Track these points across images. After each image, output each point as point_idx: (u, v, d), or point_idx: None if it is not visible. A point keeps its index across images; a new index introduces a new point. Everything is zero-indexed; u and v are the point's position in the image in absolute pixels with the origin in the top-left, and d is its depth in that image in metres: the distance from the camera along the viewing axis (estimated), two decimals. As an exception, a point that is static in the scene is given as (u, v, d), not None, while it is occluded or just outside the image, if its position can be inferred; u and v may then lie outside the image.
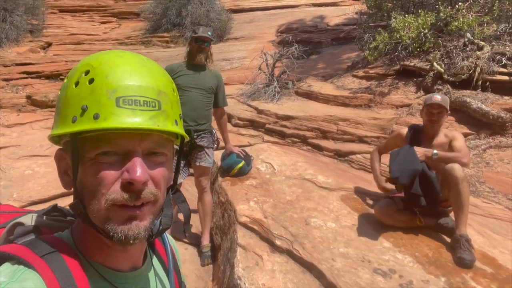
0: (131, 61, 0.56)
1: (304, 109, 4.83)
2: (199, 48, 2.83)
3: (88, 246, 0.59)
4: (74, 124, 0.53)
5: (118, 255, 0.60)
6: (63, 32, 10.93)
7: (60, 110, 0.56)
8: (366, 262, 2.09)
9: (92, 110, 0.52)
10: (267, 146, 3.92)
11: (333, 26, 9.80)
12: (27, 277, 0.49)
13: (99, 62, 0.55)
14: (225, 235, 2.74)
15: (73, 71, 0.57)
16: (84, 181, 0.54)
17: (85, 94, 0.53)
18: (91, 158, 0.53)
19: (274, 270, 2.10)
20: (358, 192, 2.97)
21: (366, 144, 4.11)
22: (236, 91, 6.07)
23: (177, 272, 0.77)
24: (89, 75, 0.53)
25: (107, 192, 0.53)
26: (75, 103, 0.53)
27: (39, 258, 0.52)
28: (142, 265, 0.66)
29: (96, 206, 0.53)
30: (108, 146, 0.53)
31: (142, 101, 0.54)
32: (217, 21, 10.06)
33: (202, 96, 2.90)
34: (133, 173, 0.52)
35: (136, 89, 0.54)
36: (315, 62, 7.75)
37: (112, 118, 0.52)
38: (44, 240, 0.55)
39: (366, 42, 5.67)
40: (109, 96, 0.52)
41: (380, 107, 4.63)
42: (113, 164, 0.54)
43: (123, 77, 0.54)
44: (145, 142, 0.55)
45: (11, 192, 3.65)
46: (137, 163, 0.53)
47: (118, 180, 0.53)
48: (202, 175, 2.90)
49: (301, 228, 2.41)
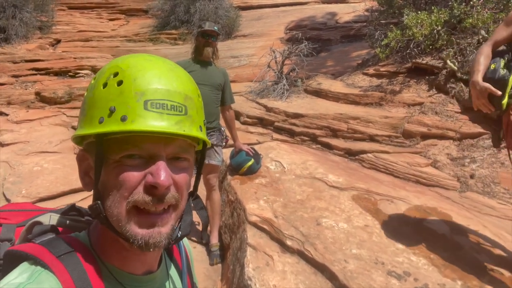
0: (159, 66, 0.57)
1: (313, 107, 4.77)
2: (206, 42, 2.81)
3: (105, 248, 0.58)
4: (101, 125, 0.53)
5: (136, 259, 0.60)
6: (72, 29, 10.98)
7: (86, 111, 0.55)
8: (380, 264, 2.03)
9: (120, 112, 0.52)
10: (276, 145, 3.87)
11: (343, 23, 9.70)
12: (43, 278, 0.50)
13: (128, 64, 0.55)
14: (234, 234, 2.70)
15: (101, 73, 0.56)
16: (106, 183, 0.55)
17: (113, 95, 0.53)
18: (115, 160, 0.54)
19: (285, 271, 2.06)
20: (369, 192, 2.91)
21: (377, 143, 4.04)
22: (245, 88, 6.02)
23: (190, 274, 0.76)
24: (118, 77, 0.54)
25: (129, 194, 0.53)
26: (102, 104, 0.53)
27: (56, 259, 0.52)
28: (157, 268, 0.66)
29: (116, 209, 0.54)
30: (134, 149, 0.53)
31: (170, 105, 0.54)
32: (226, 18, 10.01)
33: (211, 92, 2.87)
34: (158, 177, 0.53)
35: (164, 93, 0.54)
36: (325, 60, 7.67)
37: (139, 120, 0.52)
38: (61, 240, 0.55)
39: (377, 40, 5.57)
40: (137, 98, 0.53)
41: (391, 105, 4.54)
42: (137, 167, 0.54)
43: (151, 80, 0.54)
44: (169, 147, 0.55)
45: (20, 188, 3.65)
46: (161, 167, 0.54)
47: (141, 183, 0.53)
48: (210, 173, 2.87)
49: (312, 228, 2.36)
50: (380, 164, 3.61)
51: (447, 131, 3.81)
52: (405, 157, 3.68)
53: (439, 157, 3.63)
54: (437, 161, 3.58)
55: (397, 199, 2.81)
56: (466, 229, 2.39)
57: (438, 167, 3.51)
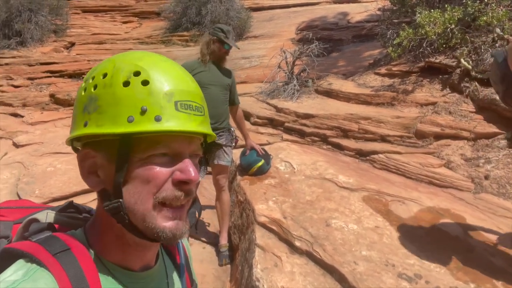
0: (174, 67, 0.59)
1: (324, 108, 4.73)
2: (226, 52, 2.87)
3: (105, 245, 0.59)
4: (131, 124, 0.53)
5: (137, 254, 0.61)
6: (86, 32, 11.13)
7: (104, 108, 0.54)
8: (390, 266, 2.00)
9: (153, 111, 0.53)
10: (286, 145, 3.86)
11: (355, 23, 9.60)
12: (39, 276, 0.49)
13: (147, 64, 0.56)
14: (243, 235, 2.69)
15: (115, 70, 0.55)
16: (130, 181, 0.55)
17: (142, 95, 0.53)
18: (141, 159, 0.54)
19: (294, 272, 2.04)
20: (380, 193, 2.87)
21: (388, 143, 3.98)
22: (255, 89, 6.01)
23: (188, 271, 0.76)
24: (141, 77, 0.54)
25: (157, 191, 0.55)
26: (129, 103, 0.53)
27: (52, 257, 0.52)
28: (155, 264, 0.66)
29: (142, 205, 0.55)
30: (163, 148, 0.55)
31: (194, 106, 0.58)
32: (237, 19, 10.00)
33: (220, 93, 2.88)
34: (189, 174, 0.56)
35: (187, 94, 0.57)
36: (336, 60, 7.61)
37: (173, 121, 0.54)
38: (57, 238, 0.55)
39: (389, 39, 5.49)
40: (168, 99, 0.54)
41: (403, 105, 4.47)
42: (164, 164, 0.55)
43: (176, 82, 0.56)
44: (191, 145, 0.59)
45: (33, 189, 3.71)
46: (189, 164, 0.57)
47: (168, 180, 0.56)
48: (220, 174, 2.87)
49: (322, 229, 2.34)
50: (392, 165, 3.55)
51: (461, 131, 3.73)
52: (417, 157, 3.61)
53: (453, 157, 3.55)
54: (451, 162, 3.50)
55: (409, 200, 2.77)
56: (480, 231, 2.33)
57: (452, 167, 3.44)
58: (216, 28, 2.84)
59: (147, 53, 0.60)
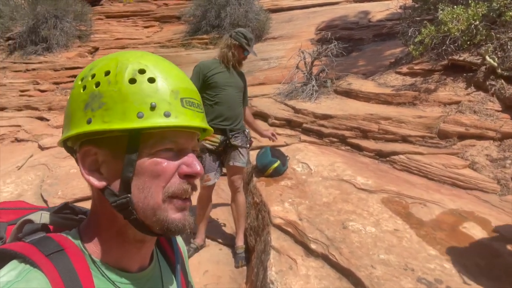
0: (173, 66, 0.61)
1: (343, 108, 4.66)
2: (245, 58, 2.90)
3: (102, 244, 0.59)
4: (142, 119, 0.53)
5: (134, 253, 0.61)
6: (109, 37, 11.39)
7: (110, 105, 0.54)
8: (409, 270, 1.93)
9: (162, 108, 0.55)
10: (304, 146, 3.81)
11: (376, 22, 9.43)
12: (32, 277, 0.49)
13: (150, 63, 0.57)
14: (259, 236, 2.67)
15: (119, 68, 0.56)
16: (138, 176, 0.55)
17: (149, 92, 0.55)
18: (150, 154, 0.55)
19: (309, 275, 2.00)
20: (400, 194, 2.79)
21: (410, 144, 3.87)
22: (273, 90, 5.99)
23: (184, 272, 0.75)
24: (147, 75, 0.55)
25: (166, 185, 0.56)
26: (137, 100, 0.54)
27: (45, 258, 0.51)
28: (149, 264, 0.66)
29: (152, 199, 0.56)
30: (170, 143, 0.57)
31: (196, 104, 0.60)
32: (256, 21, 10.00)
33: (236, 94, 2.88)
34: (195, 167, 0.58)
35: (190, 92, 0.59)
36: (356, 60, 7.49)
37: (181, 117, 0.56)
38: (51, 239, 0.55)
39: (410, 37, 5.35)
40: (174, 96, 0.56)
41: (425, 104, 4.34)
42: (170, 159, 0.57)
43: (179, 80, 0.58)
44: (193, 141, 0.61)
45: (56, 190, 3.81)
46: (194, 158, 0.59)
47: (175, 174, 0.57)
48: (235, 175, 2.86)
49: (338, 231, 2.29)
50: (413, 166, 3.45)
51: (487, 131, 3.59)
52: (440, 158, 3.50)
53: (478, 158, 3.42)
54: (476, 163, 3.37)
55: (431, 203, 2.68)
56: (506, 235, 2.23)
57: (477, 169, 3.31)
58: (239, 33, 2.83)
59: (146, 52, 0.61)
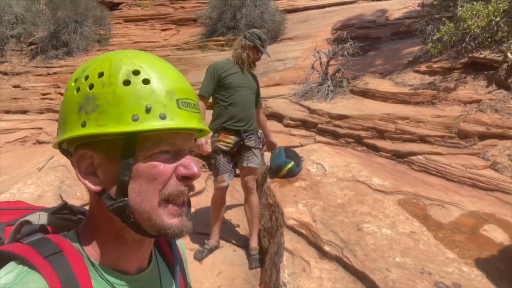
0: (169, 66, 0.60)
1: (359, 108, 4.59)
2: (258, 59, 2.89)
3: (100, 246, 0.58)
4: (137, 122, 0.52)
5: (132, 254, 0.61)
6: (127, 41, 11.58)
7: (105, 108, 0.53)
8: (426, 274, 1.88)
9: (157, 110, 0.54)
10: (319, 147, 3.77)
11: (394, 20, 9.27)
12: (30, 279, 0.49)
13: (144, 63, 0.56)
14: (272, 238, 2.65)
15: (113, 70, 0.54)
16: (135, 180, 0.55)
17: (144, 94, 0.54)
18: (146, 157, 0.55)
19: (322, 277, 1.97)
20: (418, 196, 2.72)
21: (428, 144, 3.78)
22: (288, 91, 5.95)
23: (183, 273, 0.75)
24: (141, 76, 0.54)
25: (162, 187, 0.55)
26: (132, 102, 0.53)
27: (43, 259, 0.51)
28: (148, 266, 0.65)
29: (149, 203, 0.55)
30: (167, 146, 0.56)
31: (192, 104, 0.59)
32: (271, 22, 9.98)
33: (250, 95, 2.87)
34: (192, 169, 0.57)
35: (186, 92, 0.58)
36: (373, 59, 7.37)
37: (177, 119, 0.55)
38: (49, 240, 0.55)
39: (429, 35, 5.23)
40: (170, 97, 0.55)
41: (445, 103, 4.23)
42: (167, 161, 0.56)
43: (174, 80, 0.57)
44: (190, 142, 0.60)
45: (75, 191, 3.89)
46: (191, 160, 0.58)
47: (172, 176, 0.56)
48: (249, 176, 2.85)
49: (353, 233, 2.25)
50: (432, 167, 3.36)
51: (509, 130, 3.46)
52: (460, 158, 3.40)
53: (499, 158, 3.30)
54: (497, 163, 3.26)
55: (450, 204, 2.60)
56: (529, 238, 2.14)
57: (498, 169, 3.20)
58: (253, 34, 2.82)
59: (140, 52, 0.59)
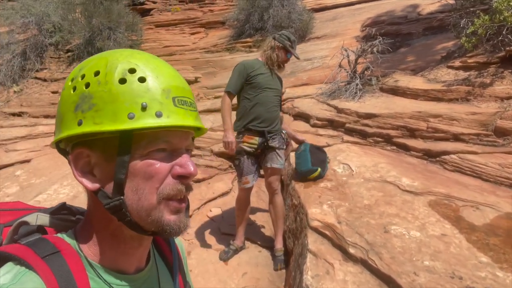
0: (165, 64, 0.59)
1: (388, 106, 4.45)
2: (287, 61, 2.88)
3: (97, 246, 0.58)
4: (132, 120, 0.52)
5: (130, 254, 0.61)
6: (158, 45, 11.88)
7: (101, 106, 0.53)
8: (457, 278, 1.79)
9: (153, 108, 0.53)
10: (346, 147, 3.69)
11: (426, 15, 8.96)
12: (27, 279, 0.49)
13: (140, 62, 0.56)
14: (297, 239, 2.62)
15: (109, 68, 0.54)
16: (131, 178, 0.54)
17: (140, 92, 0.54)
18: (142, 155, 0.54)
19: (347, 280, 1.92)
20: (450, 197, 2.60)
21: (462, 142, 3.61)
22: (316, 90, 5.88)
23: (182, 272, 0.74)
24: (137, 74, 0.54)
25: (160, 186, 0.55)
26: (127, 100, 0.53)
27: (40, 260, 0.51)
28: (146, 265, 0.65)
29: (146, 201, 0.55)
30: (163, 144, 0.55)
31: (189, 102, 0.58)
32: (299, 21, 9.91)
33: (275, 97, 2.86)
34: (188, 168, 0.57)
35: (182, 91, 0.58)
36: (404, 55, 7.15)
37: (173, 116, 0.55)
38: (46, 241, 0.55)
39: (462, 28, 5.01)
40: (166, 95, 0.55)
41: (480, 100, 4.03)
42: (163, 159, 0.56)
43: (170, 79, 0.57)
44: (187, 140, 0.59)
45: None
46: (188, 159, 0.58)
47: (168, 175, 0.56)
48: (273, 177, 2.83)
49: (379, 235, 2.18)
50: (466, 166, 3.21)
51: (551, 127, 3.26)
52: (496, 157, 3.22)
53: (541, 157, 3.10)
54: (538, 162, 3.06)
55: (484, 206, 2.47)
56: None
57: (540, 168, 3.00)
58: (283, 35, 2.83)
59: (136, 50, 0.60)
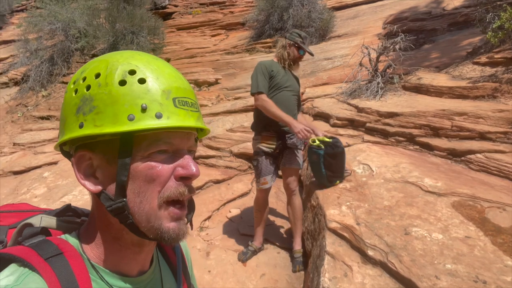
0: (166, 65, 0.59)
1: (411, 105, 4.34)
2: (300, 58, 2.88)
3: (100, 249, 0.58)
4: (132, 122, 0.52)
5: (132, 257, 0.60)
6: (180, 48, 12.04)
7: (102, 108, 0.53)
8: (481, 283, 1.72)
9: (153, 109, 0.53)
10: (366, 147, 3.63)
11: (451, 10, 8.69)
12: (30, 280, 0.49)
13: (140, 63, 0.56)
14: (315, 241, 2.59)
15: (109, 70, 0.54)
16: (133, 180, 0.54)
17: (139, 93, 0.53)
18: (143, 157, 0.54)
19: (365, 283, 1.88)
20: (475, 198, 2.51)
21: (489, 141, 3.47)
22: (336, 90, 5.81)
23: (185, 274, 0.73)
24: (137, 75, 0.54)
25: (162, 189, 0.55)
26: (127, 102, 0.53)
27: (44, 261, 0.52)
28: (149, 267, 0.65)
29: (148, 204, 0.54)
30: (164, 145, 0.55)
31: (190, 103, 0.58)
32: (319, 20, 9.82)
33: (293, 97, 2.85)
34: (190, 169, 0.56)
35: (183, 91, 0.57)
36: (428, 52, 6.95)
37: (174, 117, 0.54)
38: (50, 242, 0.55)
39: (489, 23, 4.83)
40: (166, 96, 0.54)
41: (508, 97, 3.87)
42: (165, 161, 0.55)
43: (171, 79, 0.56)
44: (189, 141, 0.58)
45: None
46: (190, 160, 0.57)
47: (170, 177, 0.55)
48: (291, 177, 2.81)
49: (399, 238, 2.13)
50: (492, 166, 3.09)
51: None
52: (526, 157, 3.08)
53: None
54: None
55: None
56: None
57: None
58: (293, 33, 2.84)
59: (137, 52, 0.60)
